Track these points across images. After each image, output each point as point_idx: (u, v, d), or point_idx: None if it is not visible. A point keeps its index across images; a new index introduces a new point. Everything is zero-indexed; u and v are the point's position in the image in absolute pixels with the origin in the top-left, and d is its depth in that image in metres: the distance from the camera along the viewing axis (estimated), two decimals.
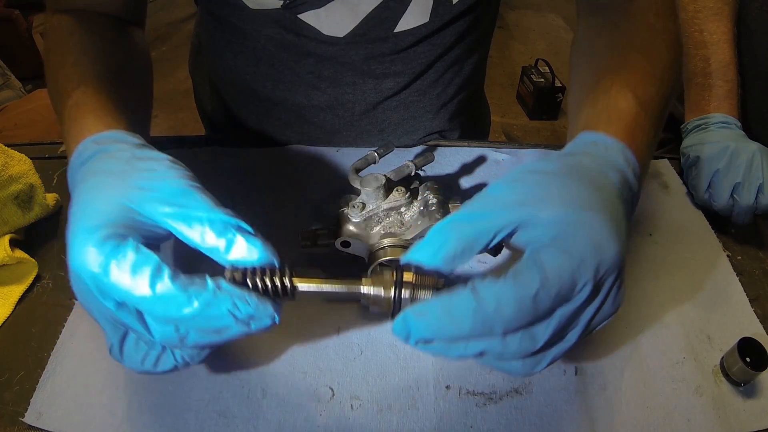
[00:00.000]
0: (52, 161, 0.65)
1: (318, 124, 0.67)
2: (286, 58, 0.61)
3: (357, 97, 0.64)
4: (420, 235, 0.46)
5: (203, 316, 0.31)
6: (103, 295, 0.32)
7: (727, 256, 0.55)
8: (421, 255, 0.32)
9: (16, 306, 0.49)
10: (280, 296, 0.35)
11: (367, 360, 0.46)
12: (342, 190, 0.61)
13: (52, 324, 0.48)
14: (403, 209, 0.48)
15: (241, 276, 0.34)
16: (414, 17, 0.56)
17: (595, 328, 0.33)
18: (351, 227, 0.48)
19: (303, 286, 0.36)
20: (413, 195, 0.48)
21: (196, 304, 0.31)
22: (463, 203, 0.48)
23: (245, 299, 0.32)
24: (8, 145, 0.57)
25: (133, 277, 0.31)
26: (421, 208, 0.47)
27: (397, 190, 0.47)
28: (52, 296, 0.51)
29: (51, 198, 0.57)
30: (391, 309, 0.35)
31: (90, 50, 0.48)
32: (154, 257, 0.32)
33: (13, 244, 0.53)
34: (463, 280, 0.51)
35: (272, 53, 0.61)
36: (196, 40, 0.77)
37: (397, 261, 0.36)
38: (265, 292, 0.34)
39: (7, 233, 0.53)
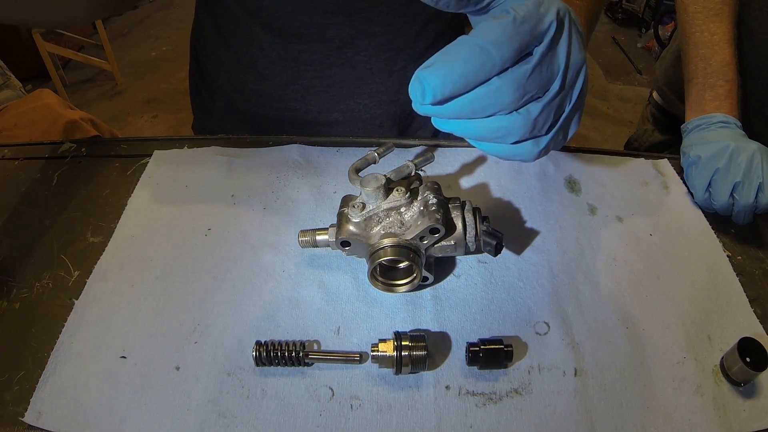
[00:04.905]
0: (52, 161, 0.65)
1: (270, 78, 0.70)
2: (241, 14, 0.66)
3: (302, 46, 0.67)
4: (420, 235, 0.46)
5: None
6: None
7: (727, 256, 0.55)
8: None
9: (16, 306, 0.50)
10: None
11: (367, 360, 0.46)
12: (342, 190, 0.61)
13: (52, 324, 0.48)
14: (403, 209, 0.48)
15: None
16: None
17: (575, 95, 0.36)
18: (351, 227, 0.48)
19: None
20: (413, 195, 0.48)
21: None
22: (463, 201, 0.48)
23: None
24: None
25: None
26: (421, 208, 0.47)
27: (397, 190, 0.47)
28: (52, 296, 0.51)
29: None
30: (395, 365, 0.44)
31: None
32: None
33: None
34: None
35: (233, 15, 0.67)
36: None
37: (398, 333, 0.45)
38: None
39: None
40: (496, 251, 0.47)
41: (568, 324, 0.48)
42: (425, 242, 0.47)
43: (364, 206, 0.48)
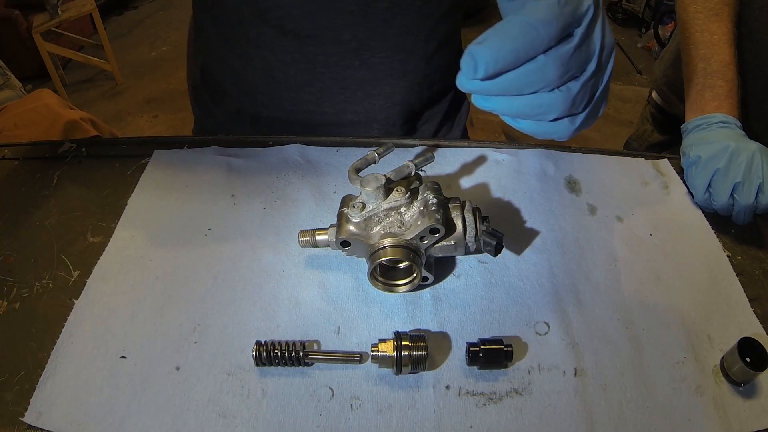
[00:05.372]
0: (52, 161, 0.65)
1: (282, 80, 0.69)
2: (247, 15, 0.64)
3: (318, 48, 0.66)
4: (420, 235, 0.46)
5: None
6: None
7: (727, 256, 0.55)
8: None
9: (16, 306, 0.50)
10: None
11: (367, 360, 0.46)
12: (342, 190, 0.61)
13: (52, 324, 0.48)
14: (403, 209, 0.48)
15: None
16: None
17: (606, 76, 0.38)
18: (351, 227, 0.48)
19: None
20: (413, 195, 0.48)
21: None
22: (463, 201, 0.48)
23: None
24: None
25: None
26: (421, 208, 0.47)
27: (397, 190, 0.47)
28: (52, 296, 0.51)
29: None
30: (395, 365, 0.44)
31: None
32: None
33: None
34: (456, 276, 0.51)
35: (238, 16, 0.65)
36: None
37: (398, 333, 0.45)
38: None
39: None
40: (496, 251, 0.47)
41: (568, 324, 0.48)
42: (425, 242, 0.47)
43: (364, 206, 0.48)
